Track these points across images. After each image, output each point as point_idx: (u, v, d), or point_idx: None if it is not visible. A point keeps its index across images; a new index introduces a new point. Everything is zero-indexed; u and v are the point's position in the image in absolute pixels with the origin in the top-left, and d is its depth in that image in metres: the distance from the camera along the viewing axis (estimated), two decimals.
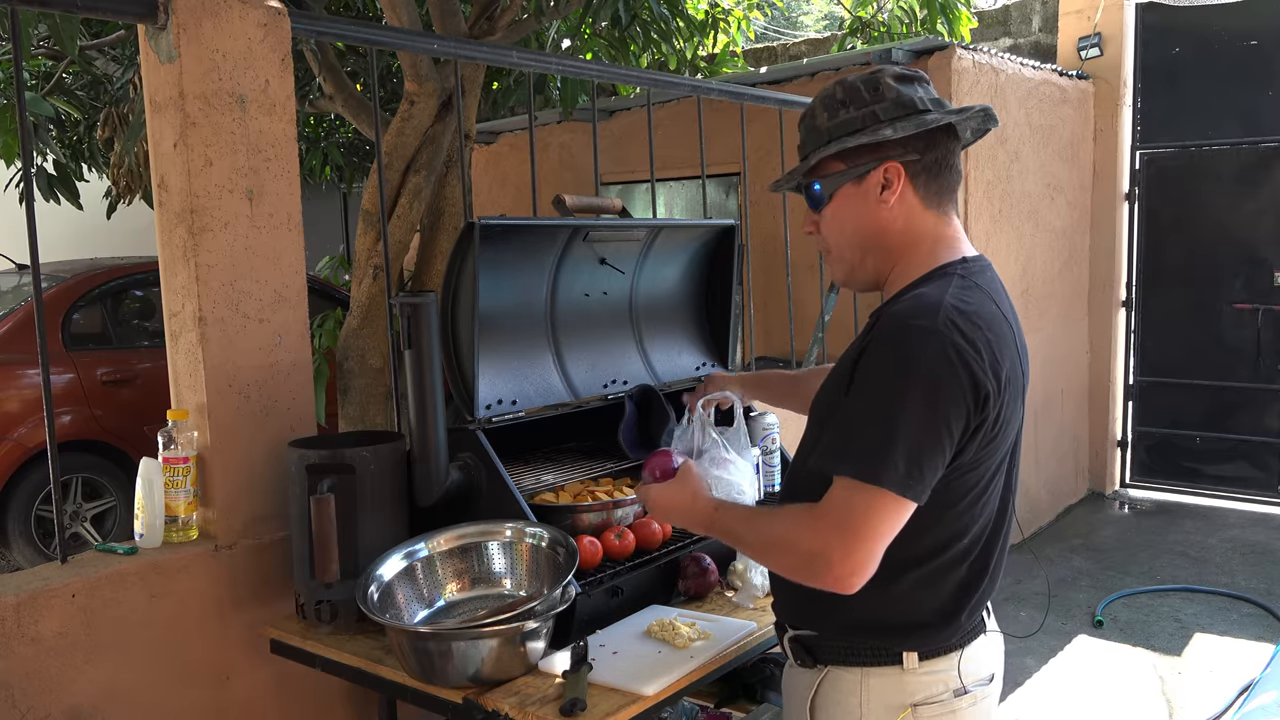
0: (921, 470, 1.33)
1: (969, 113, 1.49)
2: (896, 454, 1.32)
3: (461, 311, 2.09)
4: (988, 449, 1.41)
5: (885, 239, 1.50)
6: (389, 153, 3.64)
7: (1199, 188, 6.06)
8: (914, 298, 1.42)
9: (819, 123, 1.52)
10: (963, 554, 1.45)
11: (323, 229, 10.47)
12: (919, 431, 1.33)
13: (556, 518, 2.06)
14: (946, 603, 1.46)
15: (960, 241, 1.52)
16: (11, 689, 1.81)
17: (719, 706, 2.26)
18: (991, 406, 1.36)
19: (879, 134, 1.45)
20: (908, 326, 1.37)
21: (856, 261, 1.54)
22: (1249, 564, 5.07)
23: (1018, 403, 1.45)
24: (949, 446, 1.35)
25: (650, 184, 3.57)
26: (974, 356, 1.34)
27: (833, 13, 16.45)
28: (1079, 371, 6.27)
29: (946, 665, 1.47)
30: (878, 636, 1.47)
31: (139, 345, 5.82)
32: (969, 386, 1.34)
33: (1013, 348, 1.43)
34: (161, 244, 2.11)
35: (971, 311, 1.38)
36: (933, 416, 1.33)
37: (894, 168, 1.47)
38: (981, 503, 1.45)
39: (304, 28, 2.23)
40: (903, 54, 4.80)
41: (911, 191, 1.48)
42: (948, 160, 1.50)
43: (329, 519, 1.85)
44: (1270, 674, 3.20)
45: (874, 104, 1.47)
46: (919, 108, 1.47)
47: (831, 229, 1.54)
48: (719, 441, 2.34)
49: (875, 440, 1.34)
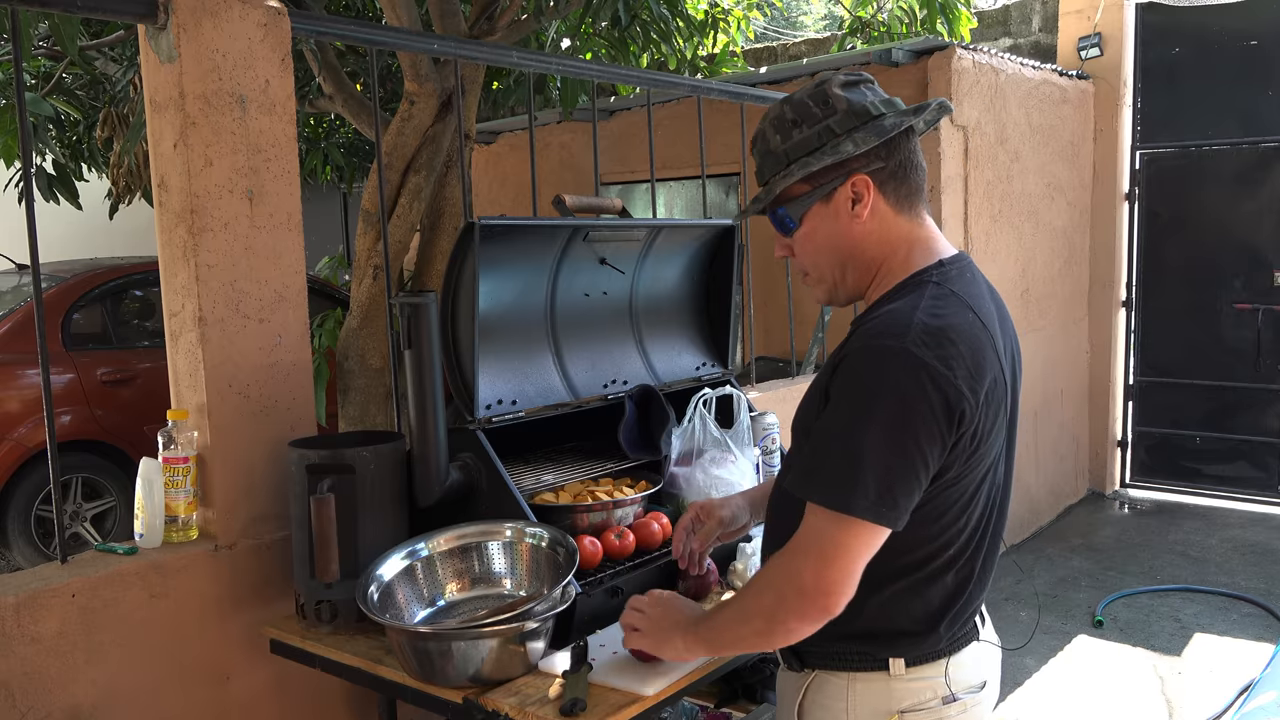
0: (895, 496, 1.31)
1: (925, 110, 1.46)
2: (867, 481, 1.30)
3: (461, 311, 2.09)
4: (969, 462, 1.38)
5: (863, 252, 1.47)
6: (389, 153, 3.64)
7: (1199, 188, 6.05)
8: (885, 314, 1.38)
9: (773, 146, 1.47)
10: (949, 563, 1.43)
11: (323, 229, 10.47)
12: (890, 456, 1.30)
13: (556, 518, 2.06)
14: (934, 612, 1.44)
15: (936, 242, 1.48)
16: (11, 689, 1.81)
17: (719, 706, 2.26)
18: (968, 422, 1.33)
19: (840, 150, 1.41)
20: (875, 347, 1.34)
21: (837, 279, 1.51)
22: (1249, 564, 5.07)
23: (1001, 413, 1.41)
24: (923, 469, 1.33)
25: (650, 184, 3.57)
26: (944, 374, 1.30)
27: (833, 13, 16.44)
28: (1079, 371, 6.27)
29: (934, 672, 1.45)
30: (863, 644, 1.45)
31: (139, 345, 5.83)
32: (940, 407, 1.30)
33: (992, 356, 1.38)
34: (161, 244, 2.11)
35: (943, 326, 1.34)
36: (903, 440, 1.30)
37: (861, 181, 1.43)
38: (967, 513, 1.42)
39: (304, 28, 2.23)
40: (903, 54, 4.80)
41: (882, 200, 1.45)
42: (911, 160, 1.46)
43: (329, 519, 1.85)
44: (1270, 674, 3.21)
45: (827, 118, 1.43)
46: (873, 113, 1.43)
47: (806, 251, 1.51)
48: (720, 441, 2.35)
49: (845, 467, 1.31)
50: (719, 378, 2.70)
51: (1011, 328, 1.50)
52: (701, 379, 2.67)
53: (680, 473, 2.30)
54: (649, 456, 2.36)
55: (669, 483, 2.30)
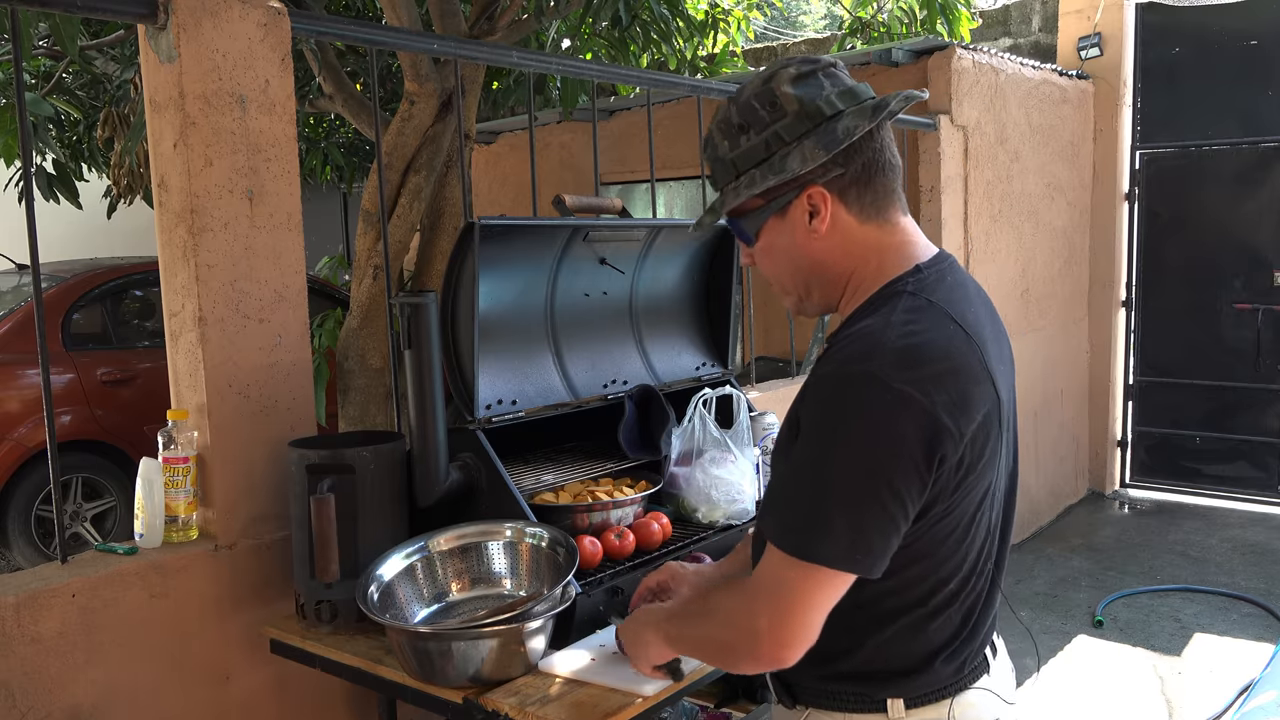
0: (869, 541, 1.18)
1: (889, 105, 1.28)
2: (836, 525, 1.17)
3: (461, 311, 2.09)
4: (958, 494, 1.24)
5: (826, 268, 1.34)
6: (389, 153, 3.64)
7: (1199, 188, 6.05)
8: (854, 334, 1.25)
9: (721, 153, 1.34)
10: (951, 597, 1.31)
11: (323, 229, 10.47)
12: (861, 498, 1.17)
13: (556, 518, 2.06)
14: (934, 649, 1.32)
15: (911, 246, 1.33)
16: (11, 689, 1.81)
17: (719, 706, 2.26)
18: (954, 449, 1.19)
19: (787, 167, 1.26)
20: (842, 375, 1.21)
21: (802, 293, 1.39)
22: (1249, 564, 5.07)
23: (994, 431, 1.26)
24: (899, 513, 1.19)
25: (650, 184, 3.57)
26: (918, 402, 1.16)
27: (833, 13, 16.45)
28: (1079, 371, 6.27)
29: (936, 714, 1.32)
30: (858, 684, 1.33)
31: (139, 345, 5.83)
32: (915, 441, 1.16)
33: (980, 370, 1.24)
34: (161, 244, 2.11)
35: (918, 345, 1.20)
36: (875, 482, 1.17)
37: (817, 194, 1.29)
38: (966, 544, 1.29)
39: (304, 27, 2.23)
40: (903, 54, 4.80)
41: (844, 210, 1.30)
42: (878, 161, 1.30)
43: (329, 519, 1.86)
44: (1270, 674, 3.21)
45: (775, 122, 1.28)
46: (827, 113, 1.27)
47: (766, 264, 1.39)
48: (719, 441, 2.35)
49: (811, 509, 1.19)
50: (719, 378, 2.70)
51: (1003, 330, 1.39)
52: (701, 379, 2.67)
53: (680, 473, 2.30)
54: (649, 456, 2.36)
55: (669, 483, 2.30)
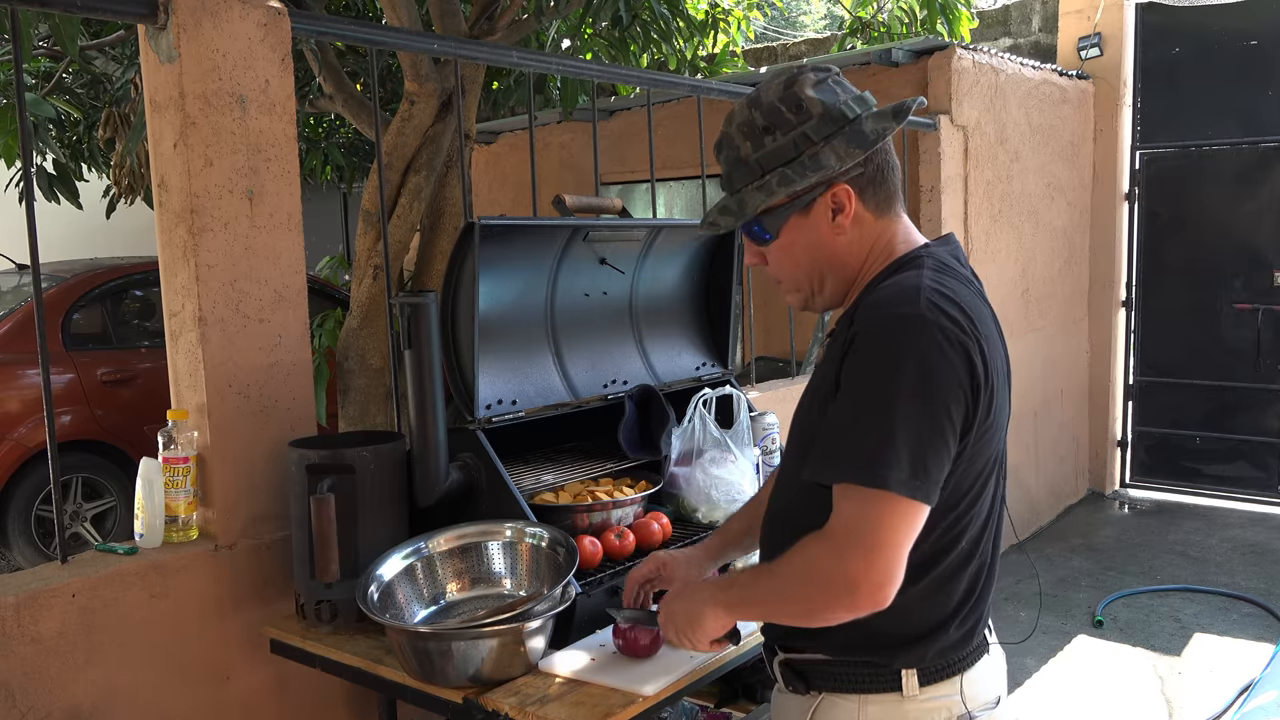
0: (927, 468, 1.24)
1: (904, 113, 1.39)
2: (900, 453, 1.23)
3: (461, 311, 2.09)
4: (983, 440, 1.32)
5: (843, 262, 1.42)
6: (389, 153, 3.64)
7: (1199, 188, 6.05)
8: (890, 286, 1.33)
9: (743, 154, 1.39)
10: (965, 557, 1.37)
11: (323, 229, 10.47)
12: (920, 426, 1.24)
13: (556, 518, 2.06)
14: (948, 613, 1.37)
15: (913, 233, 1.44)
16: (11, 689, 1.81)
17: (719, 706, 2.25)
18: (984, 391, 1.29)
19: (823, 163, 1.34)
20: (892, 316, 1.28)
21: (815, 288, 1.46)
22: (1249, 564, 5.07)
23: (1005, 388, 1.37)
24: (952, 439, 1.27)
25: (650, 184, 3.57)
26: (961, 337, 1.26)
27: (833, 13, 16.44)
28: (1079, 371, 6.27)
29: (949, 690, 1.38)
30: (872, 653, 1.37)
31: (139, 345, 5.83)
32: (964, 372, 1.26)
33: (993, 330, 1.36)
34: (161, 244, 2.11)
35: (950, 295, 1.30)
36: (932, 408, 1.25)
37: (843, 190, 1.37)
38: (979, 504, 1.37)
39: (304, 28, 2.23)
40: (903, 54, 4.80)
41: (862, 207, 1.40)
42: (889, 162, 1.41)
43: (329, 519, 1.86)
44: (1270, 674, 3.21)
45: (802, 124, 1.35)
46: (849, 116, 1.36)
47: (782, 261, 1.45)
48: (719, 441, 2.35)
49: (875, 441, 1.24)
50: (719, 378, 2.70)
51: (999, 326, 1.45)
52: (701, 379, 2.67)
53: (680, 473, 2.30)
54: (649, 456, 2.36)
55: (669, 483, 2.30)
